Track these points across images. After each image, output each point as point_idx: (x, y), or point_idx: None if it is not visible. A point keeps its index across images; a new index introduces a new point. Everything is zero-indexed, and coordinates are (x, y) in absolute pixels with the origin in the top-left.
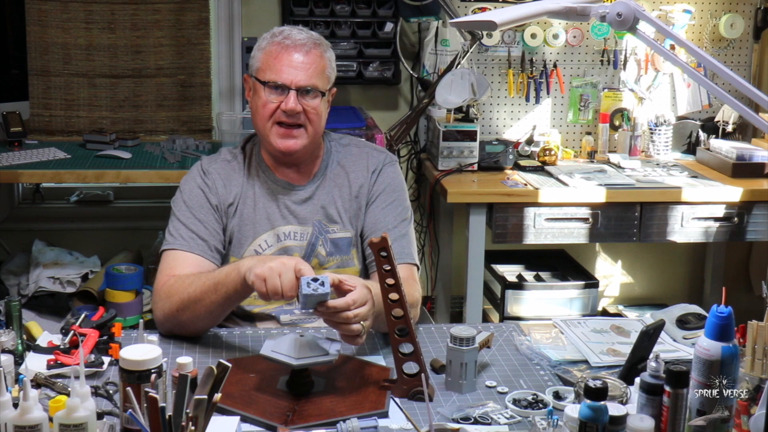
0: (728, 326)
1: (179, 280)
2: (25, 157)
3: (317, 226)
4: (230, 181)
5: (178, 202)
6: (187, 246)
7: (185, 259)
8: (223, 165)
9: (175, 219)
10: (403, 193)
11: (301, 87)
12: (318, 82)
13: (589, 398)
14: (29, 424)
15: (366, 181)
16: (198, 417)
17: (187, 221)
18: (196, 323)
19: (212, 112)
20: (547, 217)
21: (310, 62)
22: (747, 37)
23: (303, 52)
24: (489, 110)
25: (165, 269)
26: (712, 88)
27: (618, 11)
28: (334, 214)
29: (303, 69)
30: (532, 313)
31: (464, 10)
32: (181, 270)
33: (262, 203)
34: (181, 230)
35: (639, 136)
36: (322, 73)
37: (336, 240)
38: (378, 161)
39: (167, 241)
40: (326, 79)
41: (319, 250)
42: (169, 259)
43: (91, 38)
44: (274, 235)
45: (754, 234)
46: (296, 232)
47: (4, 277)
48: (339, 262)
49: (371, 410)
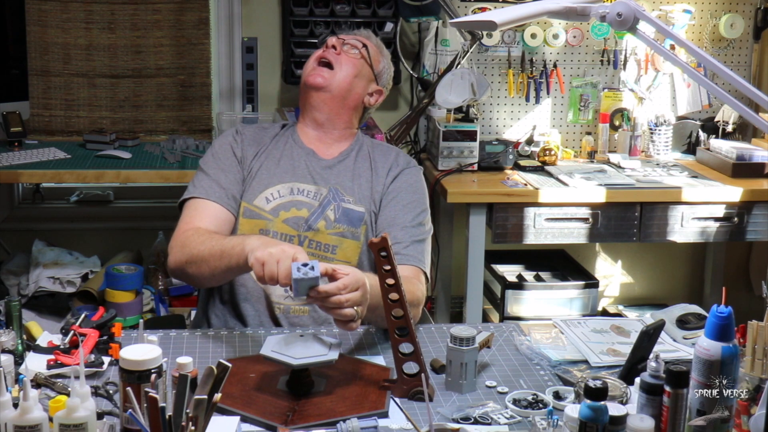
0: (728, 326)
1: (195, 233)
2: (25, 157)
3: (333, 191)
4: (259, 141)
5: (206, 156)
6: (205, 193)
7: (205, 206)
8: (257, 129)
9: (199, 171)
10: (424, 198)
11: (345, 38)
12: (366, 42)
13: (589, 398)
14: (29, 424)
15: (386, 173)
16: (198, 417)
17: (210, 170)
18: (200, 279)
19: (212, 112)
20: (547, 217)
21: (360, 35)
22: (747, 37)
23: (357, 34)
24: (489, 110)
25: (185, 218)
26: (712, 88)
27: (618, 11)
28: (353, 187)
29: (352, 35)
30: (532, 313)
31: (464, 10)
32: (200, 218)
33: (286, 160)
34: (203, 180)
35: (639, 136)
36: (375, 49)
37: (348, 210)
38: (404, 162)
39: (189, 191)
40: (377, 60)
41: (328, 213)
42: (190, 208)
43: (91, 38)
44: (288, 188)
45: (754, 234)
46: (311, 191)
47: (4, 277)
48: (344, 231)
49: (371, 410)
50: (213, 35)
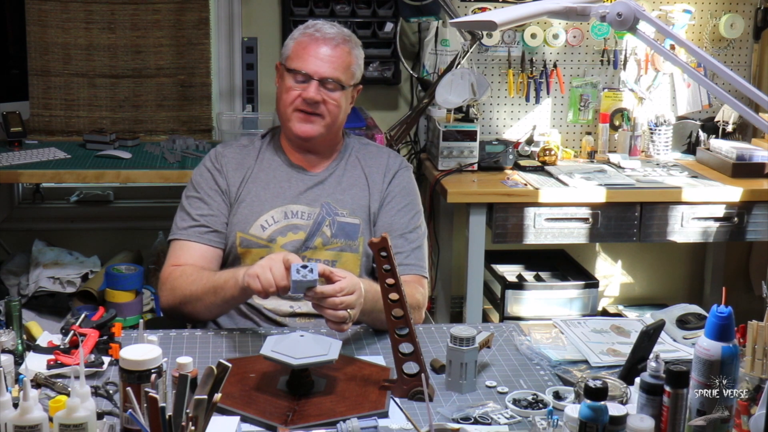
0: (728, 326)
1: (183, 274)
2: (25, 157)
3: (326, 207)
4: (242, 164)
5: (188, 187)
6: (186, 235)
7: (190, 247)
8: (237, 149)
9: (182, 207)
10: (417, 199)
11: (324, 78)
12: (341, 75)
13: (589, 398)
14: (29, 424)
15: (382, 178)
16: (198, 417)
17: (192, 207)
18: (196, 315)
19: (212, 112)
20: (547, 217)
21: (336, 56)
22: (747, 37)
23: (331, 45)
24: (489, 110)
25: (170, 258)
26: (712, 88)
27: (618, 11)
28: (345, 200)
29: (328, 61)
30: (532, 313)
31: (464, 10)
32: (186, 260)
33: (273, 183)
34: (186, 220)
35: (639, 136)
36: (347, 69)
37: (344, 224)
38: (396, 163)
39: (172, 231)
40: (350, 74)
41: (324, 230)
42: (176, 248)
43: (91, 38)
44: (282, 212)
45: (754, 234)
46: (304, 212)
47: (4, 277)
48: (342, 245)
49: (371, 410)
50: (213, 35)
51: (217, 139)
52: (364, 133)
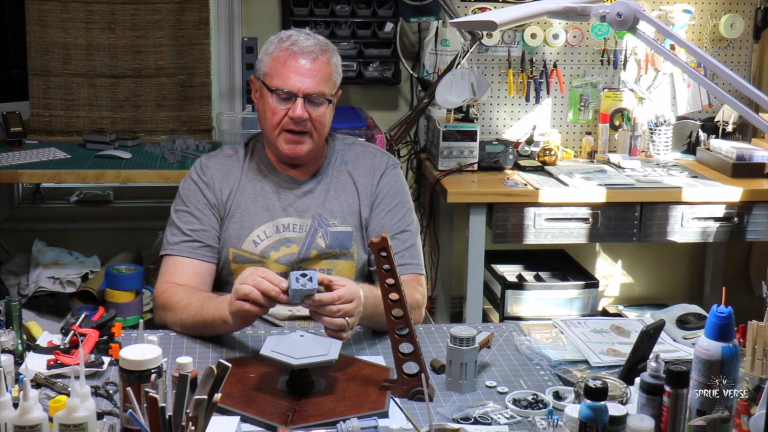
0: (728, 326)
1: (174, 294)
2: (25, 157)
3: (317, 218)
4: (228, 176)
5: (177, 201)
6: (179, 250)
7: (182, 263)
8: (222, 160)
9: (172, 222)
10: (406, 196)
11: (309, 94)
12: (325, 88)
13: (589, 398)
14: (29, 424)
15: (370, 181)
16: (198, 417)
17: (182, 222)
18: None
19: (212, 112)
20: (547, 217)
21: (317, 69)
22: (747, 37)
23: (310, 58)
24: (489, 110)
25: (164, 274)
26: (712, 88)
27: (618, 11)
28: (335, 208)
29: (310, 76)
30: (532, 313)
31: (464, 10)
32: (179, 276)
33: (262, 196)
34: (176, 234)
35: (639, 136)
36: (329, 80)
37: (336, 233)
38: (382, 163)
39: (164, 246)
40: (333, 84)
41: (318, 242)
42: (168, 264)
43: (91, 38)
44: (273, 227)
45: (754, 234)
46: (296, 225)
47: (4, 277)
48: (337, 254)
49: (371, 410)
50: (213, 35)
51: (217, 139)
52: (363, 134)
